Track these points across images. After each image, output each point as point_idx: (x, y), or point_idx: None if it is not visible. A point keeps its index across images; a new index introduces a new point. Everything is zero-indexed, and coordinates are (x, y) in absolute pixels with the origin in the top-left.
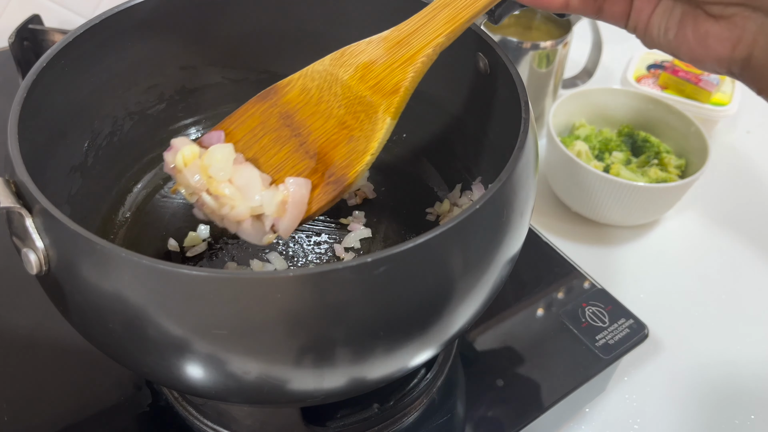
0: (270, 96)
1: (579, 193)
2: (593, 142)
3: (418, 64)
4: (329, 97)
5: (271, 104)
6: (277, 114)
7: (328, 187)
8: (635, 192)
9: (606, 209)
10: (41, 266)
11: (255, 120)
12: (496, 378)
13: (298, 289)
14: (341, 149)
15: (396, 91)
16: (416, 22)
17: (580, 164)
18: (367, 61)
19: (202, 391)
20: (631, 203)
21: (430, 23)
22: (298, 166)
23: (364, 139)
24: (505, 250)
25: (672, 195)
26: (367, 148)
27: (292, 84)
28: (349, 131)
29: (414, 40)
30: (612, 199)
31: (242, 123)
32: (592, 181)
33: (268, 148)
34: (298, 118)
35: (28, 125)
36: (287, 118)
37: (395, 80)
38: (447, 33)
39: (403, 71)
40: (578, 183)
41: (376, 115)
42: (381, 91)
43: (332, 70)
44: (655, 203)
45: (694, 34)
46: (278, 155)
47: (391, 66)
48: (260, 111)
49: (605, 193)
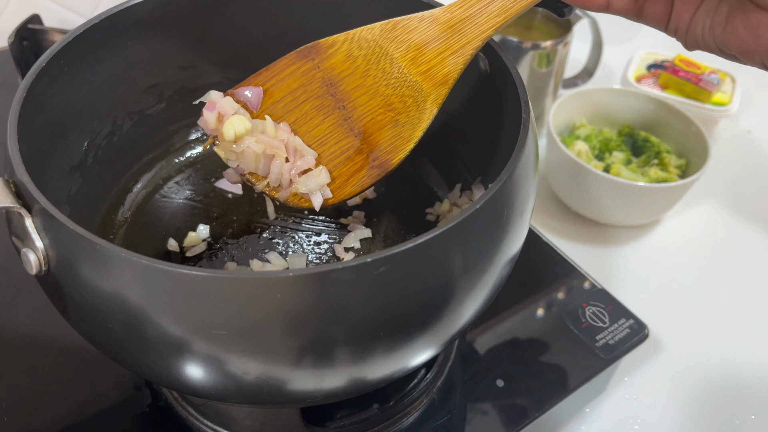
0: (312, 55)
1: (579, 193)
2: (593, 142)
3: (468, 55)
4: (377, 71)
5: (313, 66)
6: (320, 79)
7: (372, 171)
8: (636, 192)
9: (606, 209)
10: (41, 266)
11: (296, 81)
12: (496, 378)
13: (298, 289)
14: (386, 132)
15: (446, 82)
16: (469, 6)
17: (581, 164)
18: (420, 42)
19: (202, 391)
20: (631, 203)
21: (483, 11)
22: (342, 142)
23: (410, 126)
24: (505, 250)
25: (673, 195)
26: (412, 136)
27: (337, 47)
28: (395, 114)
29: (467, 27)
30: (612, 199)
31: (281, 81)
32: (592, 181)
33: (311, 116)
34: (342, 87)
35: (27, 125)
36: (331, 86)
37: (447, 70)
38: (498, 25)
39: (455, 62)
40: (579, 183)
41: (425, 104)
42: (432, 79)
43: (382, 43)
44: (655, 203)
45: (745, 26)
46: (321, 126)
47: (443, 53)
48: (301, 71)
49: (606, 193)
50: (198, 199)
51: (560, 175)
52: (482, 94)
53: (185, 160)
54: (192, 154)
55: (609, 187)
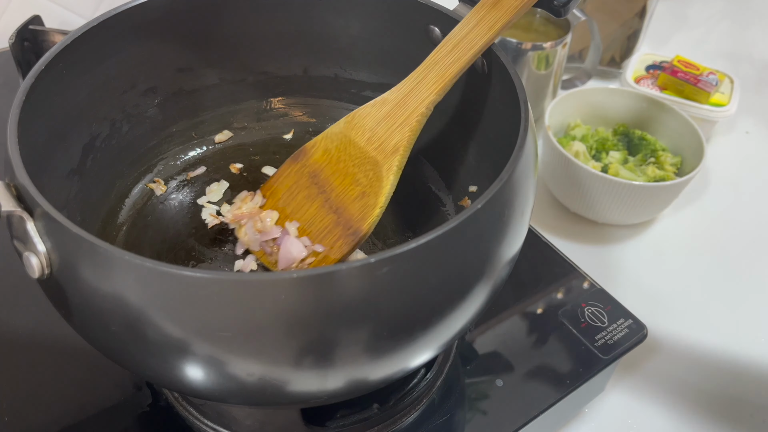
0: (300, 157)
1: (578, 193)
2: (590, 142)
3: (414, 123)
4: (345, 157)
5: (302, 165)
6: (307, 173)
7: (348, 239)
8: (635, 191)
9: (606, 209)
10: (43, 270)
11: (291, 179)
12: (496, 378)
13: (302, 290)
14: (357, 203)
15: (396, 151)
16: (411, 82)
17: (579, 165)
18: (373, 124)
19: (205, 393)
20: (631, 202)
21: (422, 83)
22: (325, 219)
23: (374, 194)
24: (505, 250)
25: (671, 192)
26: (376, 203)
27: (317, 146)
28: (362, 188)
29: (410, 100)
30: (612, 199)
31: (281, 183)
32: (591, 181)
33: (302, 204)
34: (323, 176)
35: (27, 128)
36: (315, 177)
37: (395, 141)
38: (437, 91)
39: (401, 132)
40: (577, 183)
41: (381, 173)
42: (383, 152)
43: (346, 133)
44: (655, 201)
45: None
46: (309, 211)
47: (390, 128)
48: (294, 171)
49: (605, 194)
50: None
51: (558, 176)
52: (482, 94)
53: (184, 162)
54: (191, 156)
55: (608, 188)
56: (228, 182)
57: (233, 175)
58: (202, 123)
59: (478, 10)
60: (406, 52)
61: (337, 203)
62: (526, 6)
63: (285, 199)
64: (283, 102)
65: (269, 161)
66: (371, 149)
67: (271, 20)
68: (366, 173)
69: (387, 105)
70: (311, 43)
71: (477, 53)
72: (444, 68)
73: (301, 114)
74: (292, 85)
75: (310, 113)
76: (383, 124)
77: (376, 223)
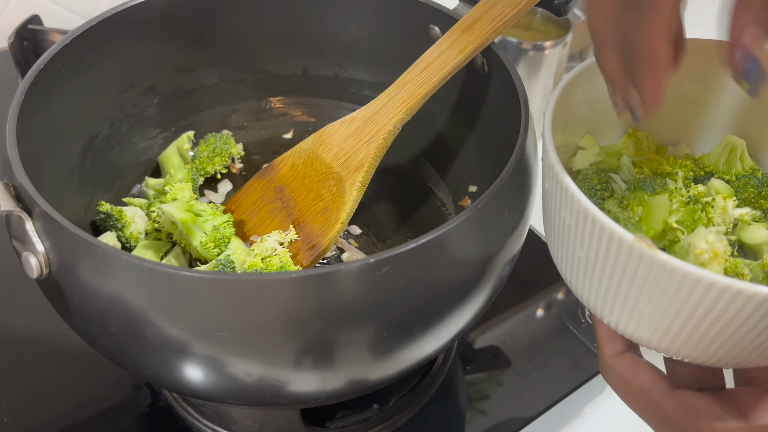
0: (268, 172)
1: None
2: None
3: (380, 140)
4: (311, 172)
5: (268, 180)
6: (272, 188)
7: (306, 253)
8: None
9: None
10: (42, 270)
11: (257, 194)
12: (496, 378)
13: (301, 291)
14: (319, 218)
15: (360, 167)
16: (381, 100)
17: (644, 252)
18: (340, 140)
19: (204, 393)
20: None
21: (392, 102)
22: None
23: (336, 209)
24: (505, 250)
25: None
26: (338, 218)
27: (285, 161)
28: (324, 203)
29: (378, 118)
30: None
31: (248, 196)
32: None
33: (265, 218)
34: (287, 191)
35: (26, 128)
36: (280, 191)
37: (360, 157)
38: (405, 110)
39: (367, 148)
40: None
41: (345, 189)
42: (348, 168)
43: (314, 149)
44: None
45: None
46: (272, 225)
47: (357, 144)
48: (261, 186)
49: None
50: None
51: (565, 245)
52: (482, 94)
53: None
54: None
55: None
56: (229, 182)
57: (233, 175)
58: (201, 122)
59: (451, 34)
60: (406, 52)
61: (300, 218)
62: (497, 32)
63: (249, 213)
64: (282, 101)
65: (269, 161)
66: (336, 165)
67: (271, 20)
68: (330, 188)
69: (356, 122)
70: (311, 42)
71: (447, 75)
72: (414, 88)
73: (300, 113)
74: (292, 84)
75: (310, 113)
76: (350, 141)
77: (336, 238)
